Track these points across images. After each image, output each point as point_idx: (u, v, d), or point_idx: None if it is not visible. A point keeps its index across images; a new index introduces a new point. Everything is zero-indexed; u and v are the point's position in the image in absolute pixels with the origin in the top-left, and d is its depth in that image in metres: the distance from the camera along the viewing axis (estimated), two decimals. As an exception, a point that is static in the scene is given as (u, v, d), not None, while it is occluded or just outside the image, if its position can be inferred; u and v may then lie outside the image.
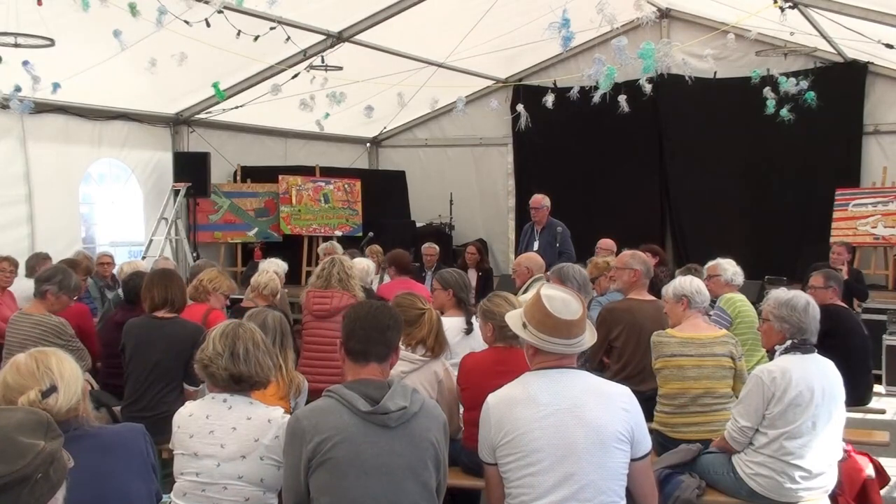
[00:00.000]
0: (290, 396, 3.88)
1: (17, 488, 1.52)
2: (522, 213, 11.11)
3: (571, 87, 7.60)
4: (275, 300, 5.73)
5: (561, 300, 2.86)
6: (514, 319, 3.00)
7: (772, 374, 3.64)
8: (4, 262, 6.70)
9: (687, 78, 7.31)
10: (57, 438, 1.63)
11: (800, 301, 3.77)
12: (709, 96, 10.34)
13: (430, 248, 9.35)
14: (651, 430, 3.05)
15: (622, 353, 5.04)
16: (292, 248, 10.32)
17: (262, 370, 2.95)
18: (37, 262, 7.03)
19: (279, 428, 2.84)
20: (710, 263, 6.15)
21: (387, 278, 7.95)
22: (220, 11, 6.05)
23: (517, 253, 8.92)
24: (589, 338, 2.92)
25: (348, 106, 9.20)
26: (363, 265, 6.36)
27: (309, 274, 6.49)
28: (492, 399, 2.91)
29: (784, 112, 8.67)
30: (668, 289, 4.60)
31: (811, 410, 3.59)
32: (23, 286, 6.79)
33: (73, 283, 5.18)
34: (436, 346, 4.00)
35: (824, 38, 8.85)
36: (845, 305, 6.14)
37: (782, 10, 7.12)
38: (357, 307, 2.87)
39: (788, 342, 3.74)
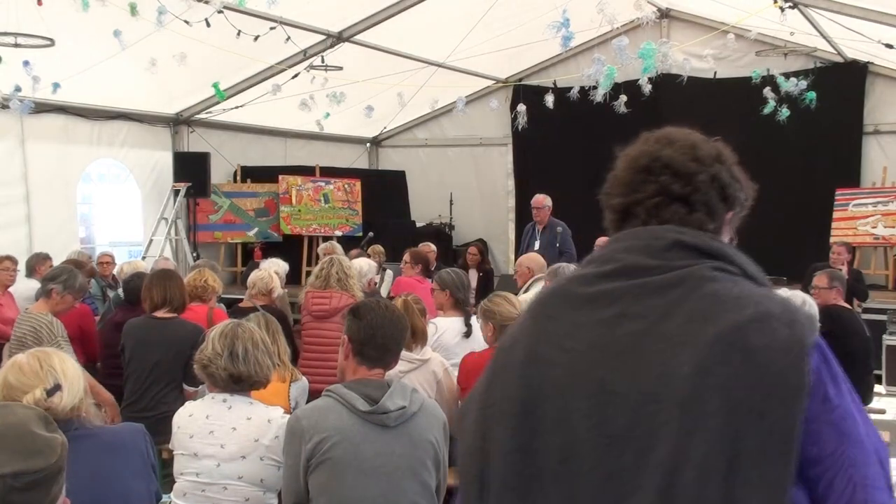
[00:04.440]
0: (290, 381, 3.89)
1: (51, 480, 1.55)
2: (523, 214, 11.10)
3: (571, 87, 7.61)
4: (272, 299, 5.73)
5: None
6: None
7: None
8: (7, 260, 6.69)
9: (683, 76, 7.31)
10: (59, 431, 1.65)
11: (794, 300, 3.76)
12: (709, 96, 10.33)
13: (428, 248, 9.35)
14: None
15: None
16: (292, 248, 10.31)
17: (262, 370, 2.95)
18: (37, 263, 7.03)
19: (279, 428, 2.84)
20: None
21: (387, 277, 7.97)
22: (220, 11, 6.06)
23: (518, 253, 8.92)
24: None
25: (348, 106, 9.20)
26: (359, 265, 6.33)
27: (309, 274, 6.48)
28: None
29: (784, 112, 8.67)
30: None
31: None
32: (21, 287, 6.79)
33: (77, 283, 5.19)
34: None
35: (824, 38, 8.85)
36: (849, 306, 6.14)
37: (782, 10, 7.12)
38: (375, 312, 2.73)
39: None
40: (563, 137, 11.29)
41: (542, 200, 8.52)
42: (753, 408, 1.24)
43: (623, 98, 7.91)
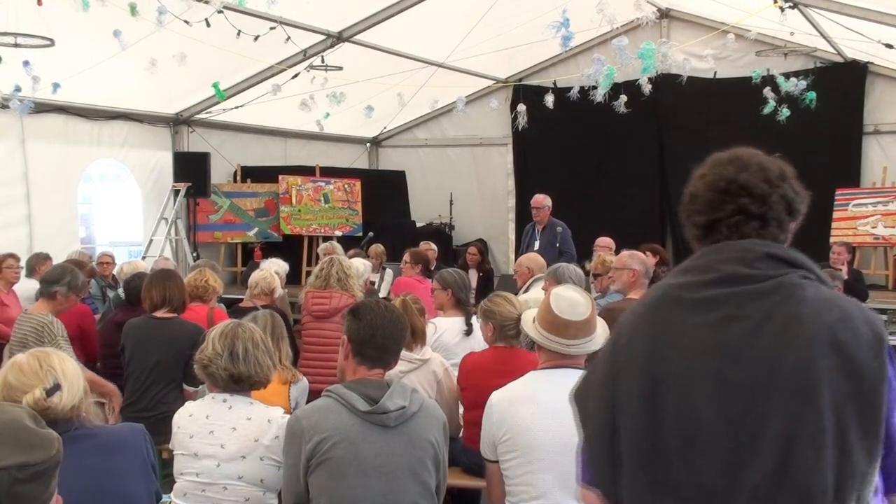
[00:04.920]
0: (290, 383, 3.91)
1: (51, 473, 1.56)
2: (523, 213, 11.11)
3: (571, 87, 7.61)
4: (273, 299, 5.73)
5: (568, 300, 2.87)
6: (529, 315, 3.04)
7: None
8: (11, 258, 6.68)
9: (683, 76, 7.31)
10: (48, 428, 1.65)
11: None
12: (709, 96, 10.35)
13: (428, 248, 9.34)
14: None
15: (622, 353, 5.04)
16: (292, 248, 10.32)
17: (262, 370, 2.95)
18: (37, 262, 7.02)
19: (279, 428, 2.84)
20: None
21: (387, 277, 7.98)
22: (220, 11, 6.06)
23: (518, 253, 8.92)
24: (598, 341, 2.93)
25: (348, 106, 9.20)
26: (354, 266, 6.34)
27: (309, 274, 6.49)
28: (495, 396, 2.93)
29: (784, 112, 8.67)
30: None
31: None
32: (23, 287, 6.79)
33: (80, 283, 5.22)
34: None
35: (824, 38, 8.85)
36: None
37: (782, 10, 7.12)
38: (375, 312, 2.72)
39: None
40: (563, 137, 11.29)
41: (541, 200, 8.52)
42: (851, 393, 1.56)
43: (623, 98, 7.91)
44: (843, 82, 10.03)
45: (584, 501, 1.87)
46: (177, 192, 9.59)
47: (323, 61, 8.21)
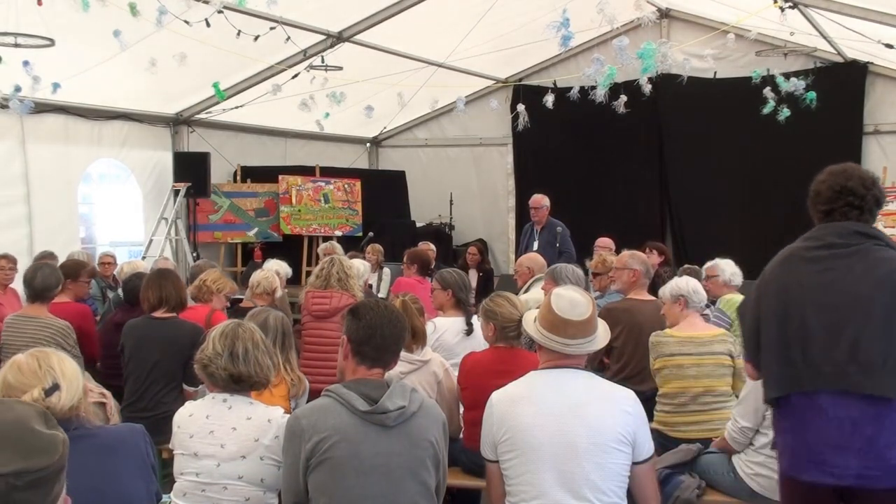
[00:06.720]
0: (294, 396, 3.90)
1: (53, 479, 1.52)
2: (522, 213, 11.11)
3: (571, 87, 7.60)
4: (274, 299, 5.73)
5: (568, 300, 2.87)
6: (530, 315, 3.04)
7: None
8: (2, 259, 6.60)
9: (683, 76, 7.31)
10: (59, 428, 1.62)
11: None
12: (709, 96, 10.34)
13: (427, 247, 9.33)
14: (651, 430, 3.05)
15: (622, 353, 5.04)
16: (292, 249, 10.32)
17: (262, 370, 2.95)
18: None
19: (279, 428, 2.84)
20: (709, 264, 6.15)
21: (385, 277, 7.98)
22: (220, 11, 6.05)
23: (517, 253, 8.92)
24: (599, 342, 2.93)
25: (348, 106, 9.20)
26: (357, 266, 6.34)
27: (309, 274, 6.49)
28: (495, 396, 2.93)
29: (784, 112, 8.66)
30: (666, 289, 4.61)
31: (811, 410, 3.64)
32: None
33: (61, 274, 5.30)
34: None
35: (824, 38, 8.85)
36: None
37: (782, 10, 7.11)
38: (374, 311, 2.72)
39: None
40: (563, 137, 11.29)
41: (539, 200, 8.52)
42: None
43: (623, 98, 7.91)
44: (843, 82, 10.02)
45: (745, 370, 3.09)
46: (177, 192, 9.58)
47: (323, 61, 8.20)
